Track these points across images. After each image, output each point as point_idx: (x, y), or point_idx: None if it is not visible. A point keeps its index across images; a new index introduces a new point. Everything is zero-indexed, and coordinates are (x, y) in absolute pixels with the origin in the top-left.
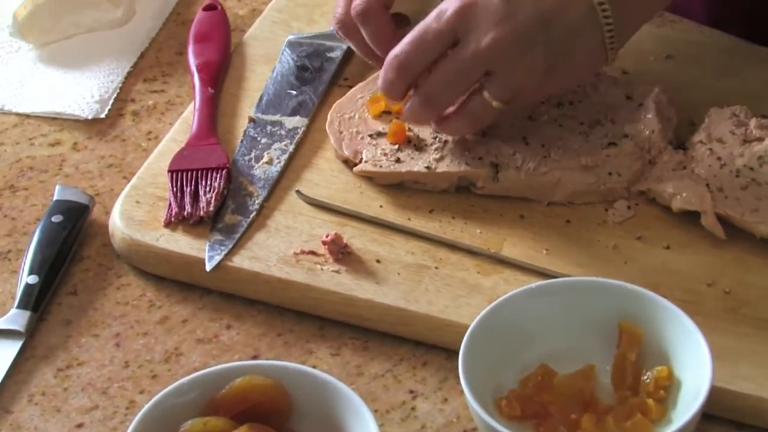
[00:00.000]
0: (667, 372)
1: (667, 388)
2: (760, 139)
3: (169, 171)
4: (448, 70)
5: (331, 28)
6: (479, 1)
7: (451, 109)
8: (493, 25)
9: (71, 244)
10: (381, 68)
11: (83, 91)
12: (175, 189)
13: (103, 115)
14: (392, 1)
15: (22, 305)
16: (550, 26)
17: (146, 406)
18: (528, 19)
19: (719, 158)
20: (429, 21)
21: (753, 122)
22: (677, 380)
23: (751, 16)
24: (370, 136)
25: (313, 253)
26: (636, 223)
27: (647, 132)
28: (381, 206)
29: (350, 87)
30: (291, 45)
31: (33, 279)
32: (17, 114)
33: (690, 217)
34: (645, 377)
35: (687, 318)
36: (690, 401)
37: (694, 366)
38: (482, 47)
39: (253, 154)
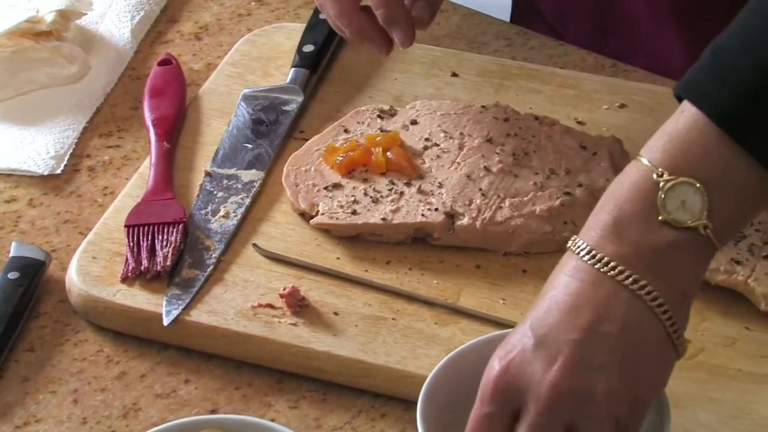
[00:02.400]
0: None
1: None
2: None
3: (125, 226)
4: None
5: (287, 81)
6: (511, 362)
7: None
8: (543, 373)
9: (28, 300)
10: (349, 34)
11: (39, 148)
12: (131, 244)
13: (58, 171)
14: None
15: None
16: (602, 339)
17: None
18: (575, 346)
19: None
20: (477, 408)
21: None
22: None
23: None
24: (326, 188)
25: (270, 306)
26: None
27: (602, 181)
28: (338, 258)
29: (306, 140)
30: (246, 98)
31: None
32: None
33: None
34: None
35: None
36: None
37: (652, 414)
38: (542, 404)
39: (209, 208)
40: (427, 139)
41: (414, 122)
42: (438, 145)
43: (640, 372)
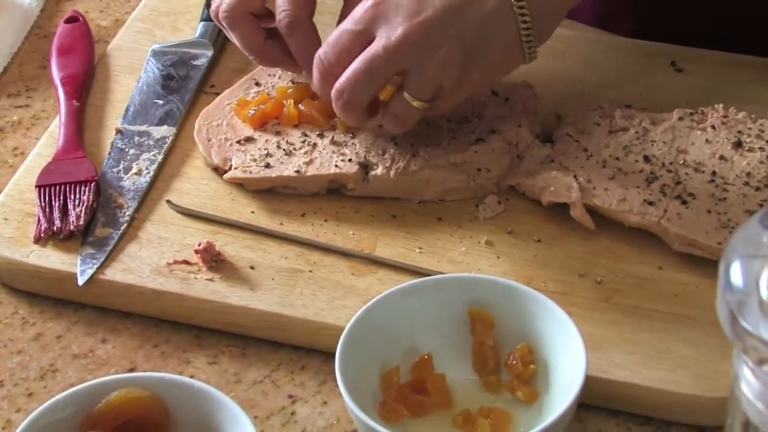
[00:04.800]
0: (527, 347)
1: (534, 361)
2: (625, 129)
3: (36, 186)
4: (358, 67)
5: (196, 36)
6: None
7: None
8: (404, 20)
9: None
10: (261, 64)
11: None
12: (43, 204)
13: None
14: (314, 10)
15: None
16: (463, 19)
17: (22, 425)
18: (438, 12)
19: (586, 150)
20: (345, 22)
21: (617, 113)
22: (551, 369)
23: (640, 12)
24: (239, 142)
25: (186, 262)
26: (507, 218)
27: (514, 127)
28: (253, 212)
29: (217, 94)
30: (155, 54)
31: None
32: None
33: (560, 210)
34: (511, 361)
35: (559, 310)
36: (565, 392)
37: (568, 356)
38: (392, 43)
39: (121, 166)
40: None
41: None
42: None
43: (480, 59)
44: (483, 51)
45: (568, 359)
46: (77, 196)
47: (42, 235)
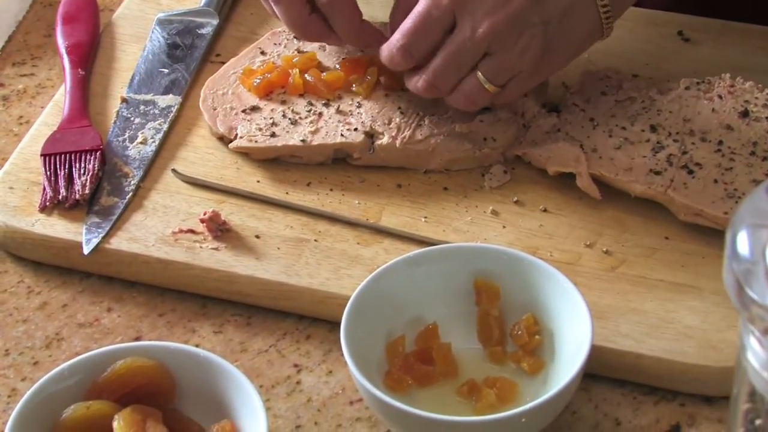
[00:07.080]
0: (533, 318)
1: (540, 332)
2: (632, 99)
3: (42, 155)
4: (448, 57)
5: (201, 4)
6: None
7: None
8: (490, 9)
9: None
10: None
11: None
12: (48, 173)
13: None
14: None
15: None
16: (545, 6)
17: (28, 393)
18: (522, 1)
19: (592, 119)
20: (428, 7)
21: (624, 82)
22: (557, 339)
23: None
24: (244, 111)
25: (191, 231)
26: (513, 188)
27: (521, 97)
28: (258, 181)
29: (222, 63)
30: (161, 23)
31: None
32: None
33: (566, 179)
34: (517, 331)
35: (565, 279)
36: (571, 362)
37: (574, 326)
38: (480, 33)
39: (126, 135)
40: (344, 59)
41: None
42: None
43: (561, 45)
44: (564, 38)
45: (573, 329)
46: (83, 165)
47: (47, 203)
